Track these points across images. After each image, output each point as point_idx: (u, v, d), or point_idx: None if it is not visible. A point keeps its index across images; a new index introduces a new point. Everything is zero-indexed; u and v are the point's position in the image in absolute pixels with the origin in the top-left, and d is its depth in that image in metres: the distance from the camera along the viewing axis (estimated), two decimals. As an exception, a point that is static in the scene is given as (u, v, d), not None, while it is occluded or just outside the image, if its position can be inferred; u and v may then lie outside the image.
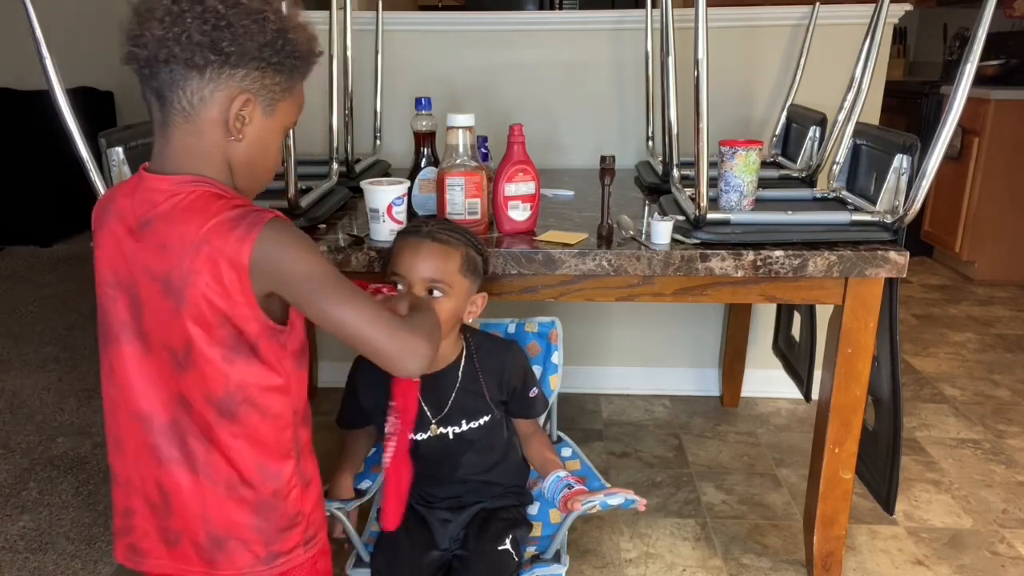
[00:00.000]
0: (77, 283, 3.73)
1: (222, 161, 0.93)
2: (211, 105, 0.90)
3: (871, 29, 1.69)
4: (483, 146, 1.80)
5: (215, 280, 0.86)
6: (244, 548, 0.97)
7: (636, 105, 2.32)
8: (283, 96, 0.95)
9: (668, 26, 1.72)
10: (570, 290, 1.49)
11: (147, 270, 0.90)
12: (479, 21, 2.35)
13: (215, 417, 0.92)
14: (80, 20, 4.66)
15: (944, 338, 3.10)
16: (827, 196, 1.69)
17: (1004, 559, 1.79)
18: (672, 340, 2.56)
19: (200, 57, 0.87)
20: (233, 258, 0.86)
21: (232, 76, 0.89)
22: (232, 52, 0.87)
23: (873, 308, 1.48)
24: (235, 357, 0.90)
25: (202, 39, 0.86)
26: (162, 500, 0.97)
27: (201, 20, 0.86)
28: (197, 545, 0.97)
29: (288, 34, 0.92)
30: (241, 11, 0.88)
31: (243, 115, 0.91)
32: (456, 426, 1.37)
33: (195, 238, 0.86)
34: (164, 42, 0.86)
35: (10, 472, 2.15)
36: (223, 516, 0.95)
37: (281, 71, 0.92)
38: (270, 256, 0.87)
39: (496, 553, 1.29)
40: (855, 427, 1.55)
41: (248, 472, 0.94)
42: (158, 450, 0.95)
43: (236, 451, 0.93)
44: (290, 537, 0.99)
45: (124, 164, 1.56)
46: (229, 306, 0.88)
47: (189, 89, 0.89)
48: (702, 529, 1.90)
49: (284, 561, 0.99)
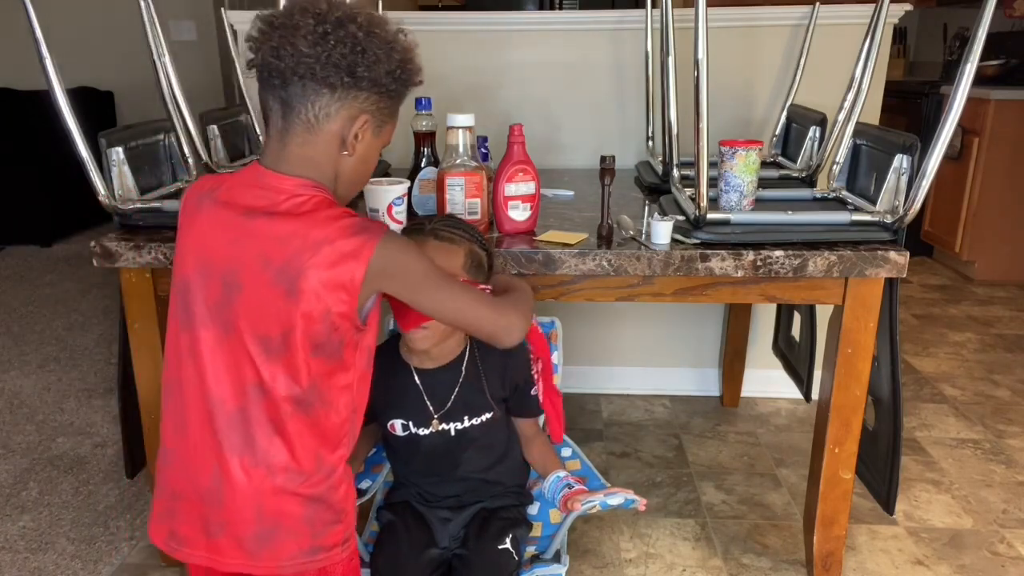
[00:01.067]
0: (77, 283, 3.73)
1: (332, 171, 1.02)
2: (335, 121, 0.98)
3: (871, 29, 1.69)
4: (483, 146, 1.80)
5: (330, 277, 0.93)
6: (292, 539, 0.99)
7: (636, 105, 2.32)
8: (390, 119, 1.05)
9: (668, 26, 1.72)
10: (570, 290, 1.49)
11: (261, 257, 0.95)
12: (479, 21, 2.35)
13: (290, 408, 0.96)
14: (80, 20, 4.66)
15: (944, 338, 3.10)
16: (827, 196, 1.69)
17: (1004, 559, 1.79)
18: (672, 340, 2.56)
19: (336, 78, 0.95)
20: (354, 259, 0.93)
21: (357, 97, 0.98)
22: (364, 77, 0.97)
23: (873, 308, 1.48)
24: (322, 351, 0.96)
25: (340, 61, 0.95)
26: (215, 488, 0.99)
27: (342, 44, 0.94)
28: (240, 538, 0.99)
29: (407, 64, 1.02)
30: (376, 39, 0.97)
31: (359, 133, 1.00)
32: (458, 422, 1.37)
33: (319, 237, 0.93)
34: (306, 59, 0.94)
35: (10, 472, 2.15)
36: (276, 507, 0.98)
37: (394, 97, 1.03)
38: (393, 259, 0.96)
39: (496, 552, 1.29)
40: (855, 427, 1.55)
41: (307, 463, 0.98)
42: (222, 436, 0.98)
43: (300, 442, 0.97)
44: (334, 532, 1.02)
45: (124, 164, 1.57)
46: (335, 303, 0.94)
47: (318, 104, 0.97)
48: (702, 529, 1.90)
49: (324, 557, 1.01)
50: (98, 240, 1.48)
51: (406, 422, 1.37)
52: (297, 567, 1.00)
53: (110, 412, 2.47)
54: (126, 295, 1.54)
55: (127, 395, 1.67)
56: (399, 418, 1.37)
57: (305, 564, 1.01)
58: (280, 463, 0.97)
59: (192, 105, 1.63)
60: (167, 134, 1.74)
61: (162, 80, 1.54)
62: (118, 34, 4.60)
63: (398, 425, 1.37)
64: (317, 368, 0.96)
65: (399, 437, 1.39)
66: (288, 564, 1.00)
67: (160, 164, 1.74)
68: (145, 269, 1.50)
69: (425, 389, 1.36)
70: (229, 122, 2.12)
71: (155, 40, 1.52)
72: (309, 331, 0.94)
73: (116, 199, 1.55)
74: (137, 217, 1.55)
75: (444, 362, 1.37)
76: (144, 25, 1.52)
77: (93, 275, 3.78)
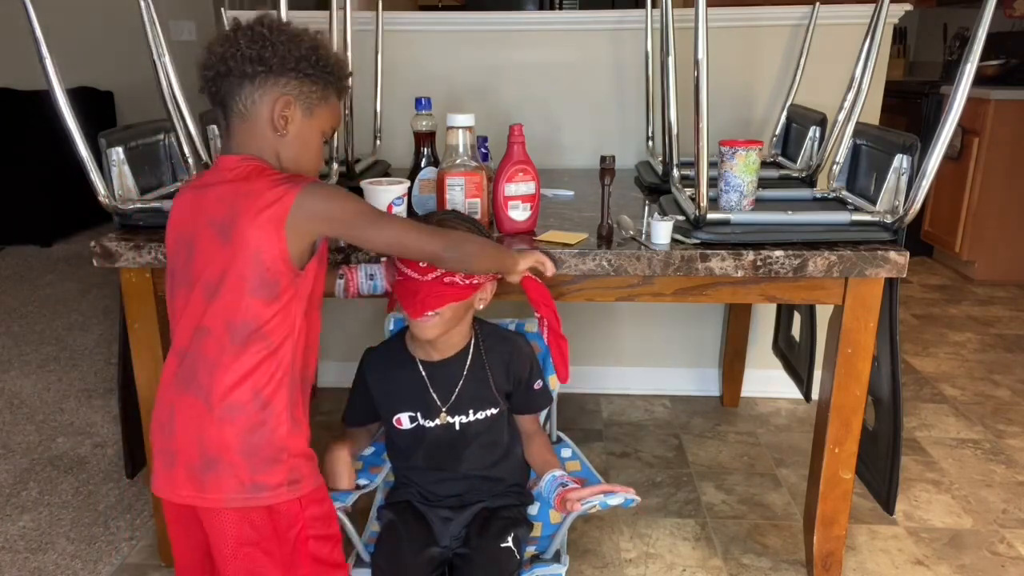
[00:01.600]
0: (77, 283, 3.73)
1: (273, 155, 1.13)
2: (261, 106, 1.11)
3: (871, 29, 1.69)
4: (483, 146, 1.80)
5: (257, 223, 1.04)
6: (231, 473, 1.07)
7: (636, 105, 2.32)
8: (319, 102, 1.15)
9: (668, 26, 1.72)
10: (570, 290, 1.49)
11: (207, 218, 1.08)
12: (479, 21, 2.35)
13: (228, 342, 1.06)
14: (80, 20, 4.66)
15: (944, 338, 3.10)
16: (827, 196, 1.69)
17: (1004, 559, 1.79)
18: (672, 340, 2.56)
19: (249, 67, 1.09)
20: (278, 203, 1.04)
21: (277, 83, 1.11)
22: (274, 63, 1.09)
23: (873, 308, 1.48)
24: (257, 290, 1.05)
25: (249, 53, 1.08)
26: (168, 422, 1.10)
27: (249, 40, 1.09)
28: (190, 466, 1.08)
29: (319, 51, 1.13)
30: (282, 33, 1.11)
31: (285, 115, 1.12)
32: (463, 415, 1.38)
33: (248, 190, 1.06)
34: (223, 58, 1.09)
35: (10, 472, 2.15)
36: (216, 436, 1.06)
37: (316, 80, 1.13)
38: (319, 202, 1.07)
39: (498, 551, 1.30)
40: (855, 427, 1.55)
41: (244, 396, 1.06)
42: (176, 377, 1.10)
43: (238, 376, 1.06)
44: (275, 472, 1.08)
45: (124, 164, 1.56)
46: (263, 245, 1.04)
47: (243, 94, 1.11)
48: (702, 529, 1.90)
49: (269, 495, 1.08)
50: (98, 240, 1.48)
51: (413, 414, 1.38)
52: (240, 502, 1.07)
53: (110, 412, 2.47)
54: (126, 295, 1.54)
55: (127, 395, 1.67)
56: (406, 411, 1.38)
57: (248, 500, 1.07)
58: (218, 396, 1.06)
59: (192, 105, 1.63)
60: (167, 134, 1.74)
61: (162, 80, 1.54)
62: (118, 34, 4.60)
63: (405, 418, 1.38)
64: (255, 308, 1.06)
65: (404, 431, 1.39)
66: (232, 498, 1.07)
67: (160, 164, 1.74)
68: (145, 269, 1.50)
69: (431, 381, 1.38)
70: (229, 122, 2.12)
71: (155, 40, 1.52)
72: (243, 272, 1.05)
73: (116, 199, 1.55)
74: (137, 217, 1.55)
75: (449, 354, 1.38)
76: (144, 25, 1.52)
77: (93, 275, 3.78)
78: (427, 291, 1.27)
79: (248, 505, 1.08)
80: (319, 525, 1.16)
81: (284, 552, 1.12)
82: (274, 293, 1.06)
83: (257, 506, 1.09)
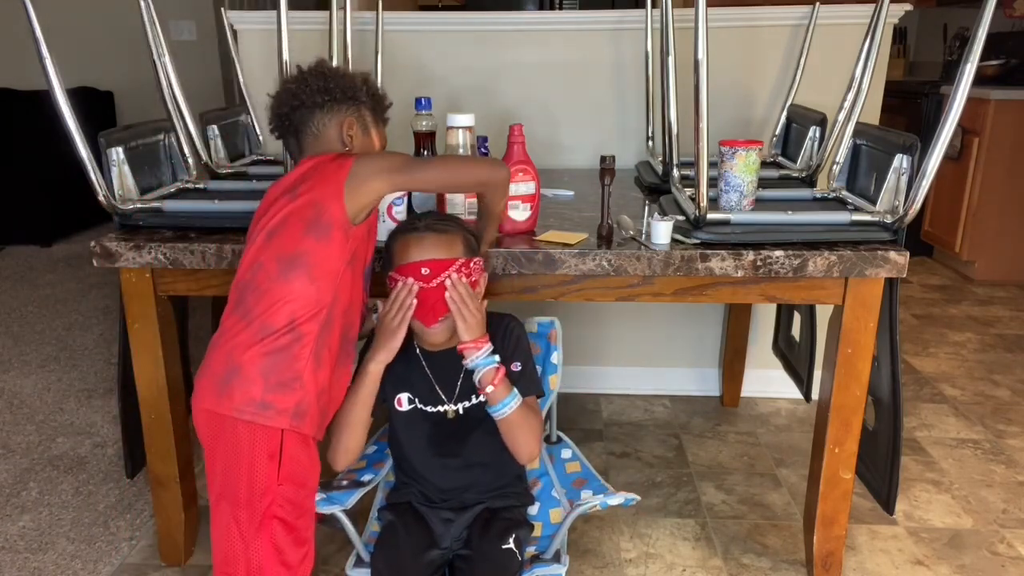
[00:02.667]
0: (77, 283, 3.73)
1: None
2: (330, 128, 1.34)
3: (871, 29, 1.69)
4: (483, 146, 1.79)
5: (318, 180, 1.23)
6: (246, 385, 1.15)
7: (636, 105, 2.32)
8: (373, 124, 1.39)
9: (668, 26, 1.72)
10: (570, 290, 1.49)
11: (282, 189, 1.27)
12: (479, 21, 2.35)
13: (276, 272, 1.18)
14: (80, 20, 4.66)
15: (944, 338, 3.10)
16: (827, 196, 1.69)
17: (1004, 559, 1.79)
18: (672, 340, 2.56)
19: (319, 98, 1.32)
20: (338, 167, 1.23)
21: (340, 110, 1.34)
22: (338, 93, 1.33)
23: (873, 308, 1.48)
24: (310, 230, 1.20)
25: (317, 87, 1.32)
26: (216, 339, 1.21)
27: (316, 77, 1.33)
28: (212, 378, 1.18)
29: (369, 82, 1.39)
30: (338, 71, 1.37)
31: (351, 133, 1.35)
32: (465, 400, 1.39)
33: (315, 163, 1.26)
34: (296, 95, 1.32)
35: (10, 472, 2.15)
36: (242, 354, 1.16)
37: (370, 107, 1.38)
38: (371, 164, 1.24)
39: (500, 552, 1.30)
40: (855, 427, 1.55)
41: (279, 320, 1.17)
42: (232, 305, 1.22)
43: (278, 303, 1.17)
44: (285, 396, 1.16)
45: (124, 164, 1.57)
46: (322, 196, 1.21)
47: (314, 120, 1.33)
48: (702, 529, 1.90)
49: (274, 415, 1.15)
50: (98, 240, 1.48)
51: (412, 396, 1.39)
52: (249, 415, 1.14)
53: (110, 412, 2.47)
54: (126, 295, 1.54)
55: (127, 395, 1.67)
56: (406, 392, 1.39)
57: (255, 415, 1.14)
58: (257, 315, 1.17)
59: (192, 105, 1.63)
60: (167, 134, 1.74)
61: (162, 80, 1.54)
62: (118, 34, 4.60)
63: (404, 399, 1.39)
64: (305, 243, 1.19)
65: (403, 413, 1.39)
66: (242, 410, 1.15)
67: (160, 164, 1.74)
68: (145, 269, 1.50)
69: (432, 371, 1.39)
70: (229, 122, 2.12)
71: (155, 40, 1.53)
72: (302, 214, 1.20)
73: (116, 199, 1.55)
74: (137, 217, 1.56)
75: (452, 344, 1.37)
76: (144, 25, 1.52)
77: (93, 275, 3.78)
78: (435, 297, 1.29)
79: (256, 421, 1.15)
80: (289, 509, 1.18)
81: (254, 514, 1.16)
82: (326, 235, 1.19)
83: (264, 425, 1.15)
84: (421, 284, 1.28)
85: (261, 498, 1.16)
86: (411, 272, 1.28)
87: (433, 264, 1.28)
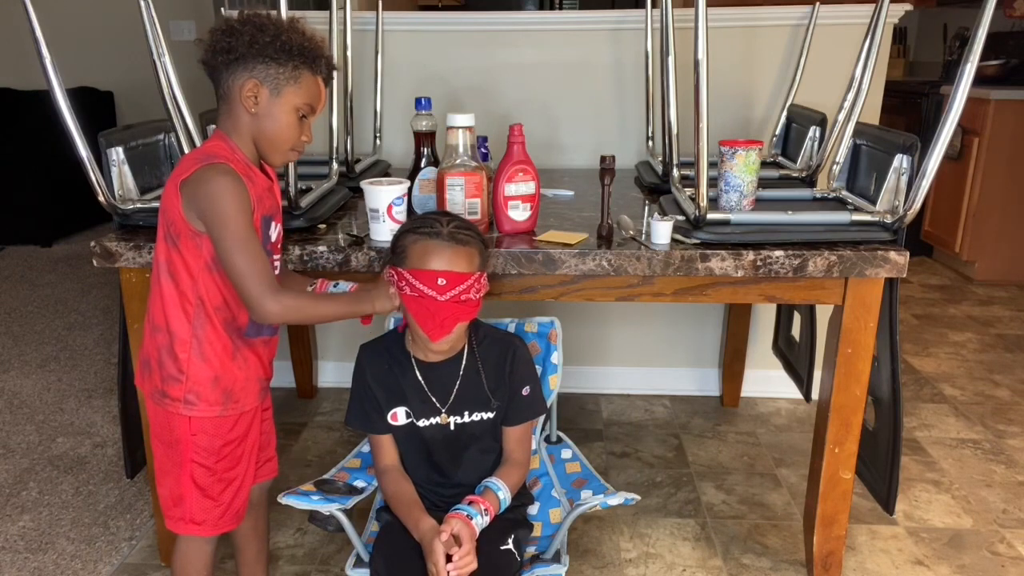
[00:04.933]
0: (77, 283, 3.73)
1: (247, 131, 1.25)
2: (235, 89, 1.23)
3: (871, 29, 1.69)
4: (483, 146, 1.80)
5: (171, 185, 1.22)
6: (151, 374, 1.29)
7: (636, 105, 2.32)
8: (288, 82, 1.24)
9: (668, 26, 1.72)
10: (570, 290, 1.49)
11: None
12: (479, 21, 2.35)
13: (158, 275, 1.27)
14: (80, 20, 4.66)
15: (944, 338, 3.10)
16: (827, 196, 1.69)
17: (1004, 559, 1.79)
18: (672, 340, 2.56)
19: (222, 57, 1.22)
20: (180, 174, 1.21)
21: (246, 68, 1.22)
22: (241, 51, 1.21)
23: (873, 308, 1.48)
24: (169, 239, 1.24)
25: (222, 45, 1.22)
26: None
27: (221, 34, 1.22)
28: (141, 362, 1.32)
29: (283, 35, 1.23)
30: (248, 23, 1.23)
31: (251, 95, 1.22)
32: (459, 416, 1.38)
33: (184, 159, 1.26)
34: (209, 54, 1.24)
35: (10, 472, 2.15)
36: (149, 345, 1.30)
37: (283, 63, 1.22)
38: (203, 189, 1.18)
39: (499, 553, 1.29)
40: (855, 427, 1.55)
41: (159, 318, 1.27)
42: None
43: (158, 302, 1.27)
44: (174, 388, 1.27)
45: (124, 164, 1.57)
46: (168, 205, 1.23)
47: (223, 80, 1.24)
48: (702, 529, 1.90)
49: (170, 404, 1.27)
50: (98, 240, 1.48)
51: (408, 410, 1.38)
52: (156, 400, 1.29)
53: (110, 412, 2.47)
54: (126, 295, 1.54)
55: (127, 395, 1.67)
56: (401, 405, 1.38)
57: (159, 403, 1.28)
58: (152, 312, 1.29)
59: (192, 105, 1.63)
60: (167, 134, 1.74)
61: (162, 80, 1.54)
62: (118, 34, 4.59)
63: (400, 413, 1.38)
64: (167, 251, 1.25)
65: (399, 428, 1.39)
66: (152, 395, 1.29)
67: (160, 164, 1.74)
68: (145, 269, 1.50)
69: (426, 382, 1.38)
70: (229, 122, 2.11)
71: (155, 40, 1.52)
72: (162, 218, 1.25)
73: (116, 199, 1.55)
74: (137, 217, 1.55)
75: (448, 356, 1.37)
76: (144, 25, 1.52)
77: (93, 275, 3.78)
78: (447, 311, 1.27)
79: (158, 406, 1.29)
80: (204, 455, 1.29)
81: (175, 461, 1.31)
82: (177, 244, 1.23)
83: (163, 411, 1.28)
84: (434, 294, 1.26)
85: (177, 445, 1.30)
86: (426, 280, 1.26)
87: (451, 276, 1.26)
